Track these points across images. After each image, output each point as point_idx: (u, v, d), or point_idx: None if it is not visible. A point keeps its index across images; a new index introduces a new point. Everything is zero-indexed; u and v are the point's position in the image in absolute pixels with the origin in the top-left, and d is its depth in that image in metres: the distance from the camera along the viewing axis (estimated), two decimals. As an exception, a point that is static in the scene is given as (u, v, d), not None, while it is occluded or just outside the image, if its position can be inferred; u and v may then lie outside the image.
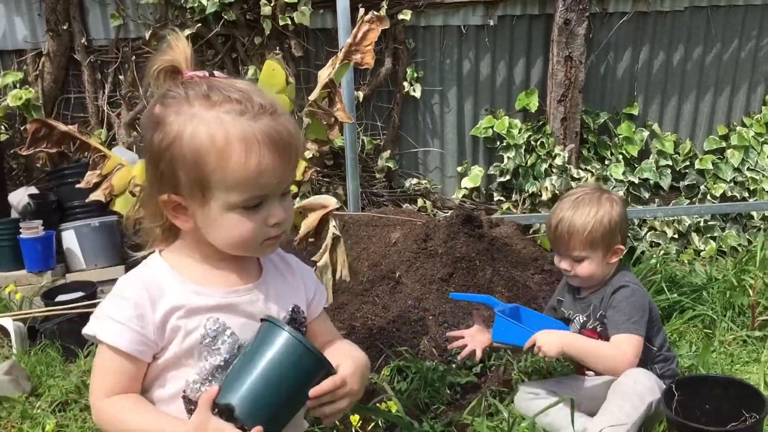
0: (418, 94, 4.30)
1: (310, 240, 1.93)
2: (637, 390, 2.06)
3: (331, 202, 1.89)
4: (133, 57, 4.22)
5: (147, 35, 4.11)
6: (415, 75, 4.29)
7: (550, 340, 2.09)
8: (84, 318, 3.19)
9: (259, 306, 1.23)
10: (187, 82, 1.16)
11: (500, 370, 2.69)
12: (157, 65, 1.19)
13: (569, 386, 2.35)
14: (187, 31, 4.01)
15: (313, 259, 1.97)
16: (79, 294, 3.37)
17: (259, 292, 1.24)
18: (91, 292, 3.40)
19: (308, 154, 2.09)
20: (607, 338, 2.20)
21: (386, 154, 4.34)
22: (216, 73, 1.20)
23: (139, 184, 1.84)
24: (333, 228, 1.91)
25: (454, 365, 2.69)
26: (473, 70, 4.36)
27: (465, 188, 4.46)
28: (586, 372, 2.33)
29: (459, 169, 4.48)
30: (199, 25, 4.03)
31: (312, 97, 1.90)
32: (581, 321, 2.31)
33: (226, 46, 4.16)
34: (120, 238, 3.85)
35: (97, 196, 1.87)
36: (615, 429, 1.97)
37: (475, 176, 4.44)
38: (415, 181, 4.44)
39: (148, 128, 1.15)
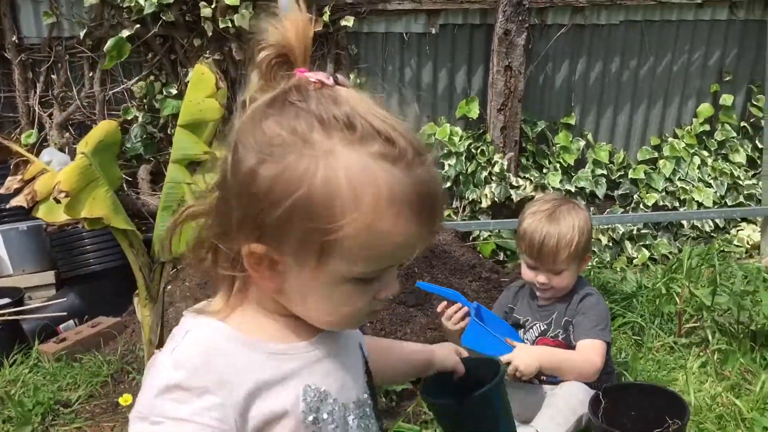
0: (359, 100, 4.29)
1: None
2: (570, 403, 2.09)
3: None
4: (67, 56, 4.10)
5: (81, 34, 4.00)
6: (358, 81, 4.29)
7: (529, 359, 2.06)
8: (10, 326, 3.08)
9: (340, 354, 0.97)
10: (315, 91, 0.83)
11: (436, 377, 2.70)
12: (269, 52, 0.87)
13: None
14: (125, 32, 3.92)
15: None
16: (5, 300, 3.26)
17: (334, 336, 0.98)
18: (18, 298, 3.29)
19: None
20: (569, 345, 2.24)
21: (327, 159, 4.31)
22: (339, 77, 0.88)
23: (65, 190, 1.79)
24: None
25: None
26: (415, 78, 4.39)
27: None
28: (532, 380, 2.34)
29: (400, 175, 4.49)
30: (138, 25, 3.94)
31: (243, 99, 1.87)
32: (541, 329, 2.33)
33: (165, 48, 4.08)
34: (49, 243, 3.73)
35: (19, 201, 1.80)
36: None
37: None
38: (356, 187, 4.42)
39: (251, 150, 0.82)
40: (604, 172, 4.60)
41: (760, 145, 4.67)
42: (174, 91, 4.05)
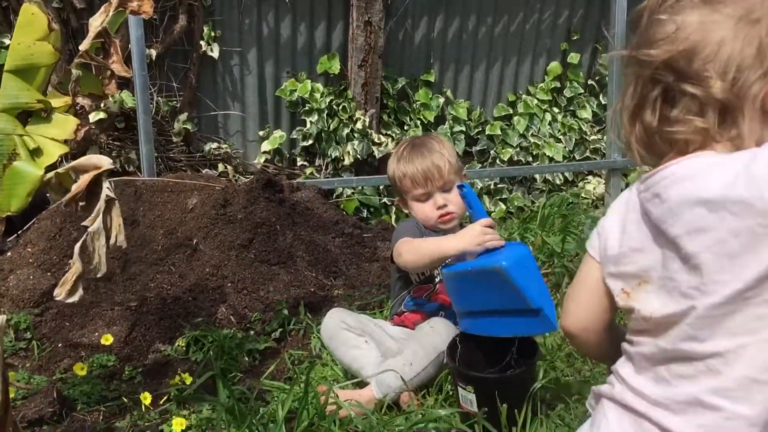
0: (216, 54, 4.12)
1: (81, 204, 1.76)
2: (433, 339, 2.15)
3: (104, 162, 1.72)
4: None
5: None
6: (213, 34, 4.11)
7: None
8: None
9: None
10: None
11: (300, 333, 2.68)
12: None
13: (383, 330, 2.39)
14: (-55, -27, 3.52)
15: (84, 224, 1.80)
16: None
17: None
18: None
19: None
20: None
21: (183, 116, 4.13)
22: None
23: None
24: (106, 190, 1.75)
25: (252, 332, 2.64)
26: (273, 32, 4.26)
27: (267, 153, 4.37)
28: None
29: (261, 133, 4.39)
30: (-40, -34, 3.56)
31: (83, 47, 1.72)
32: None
33: (-6, -7, 3.71)
34: None
35: None
36: (404, 367, 2.07)
37: (277, 140, 4.36)
38: (215, 145, 4.28)
39: None
40: (463, 128, 4.71)
41: (604, 102, 4.96)
42: (7, 42, 3.70)
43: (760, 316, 0.91)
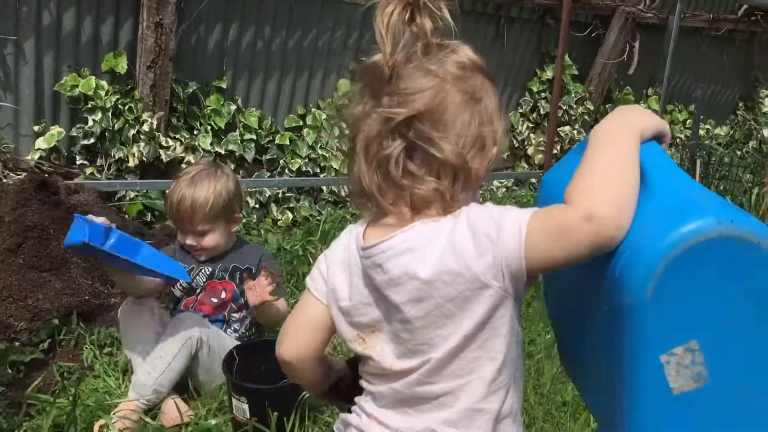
0: (-14, 40, 3.82)
1: None
2: (177, 327, 2.25)
3: None
4: None
5: None
6: (-18, 20, 3.80)
7: None
8: None
9: None
10: None
11: (71, 344, 2.60)
12: None
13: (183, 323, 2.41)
14: None
15: None
16: None
17: None
18: None
19: None
20: (237, 285, 2.44)
21: (-56, 105, 3.77)
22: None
23: None
24: None
25: (17, 342, 2.51)
26: (55, 23, 4.02)
27: (43, 149, 4.12)
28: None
29: (36, 128, 4.12)
30: None
31: None
32: (207, 272, 2.46)
33: None
34: None
35: None
36: (155, 361, 2.17)
37: (54, 137, 4.12)
38: (-19, 138, 3.95)
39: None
40: (254, 137, 4.77)
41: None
42: None
43: (474, 358, 1.11)
